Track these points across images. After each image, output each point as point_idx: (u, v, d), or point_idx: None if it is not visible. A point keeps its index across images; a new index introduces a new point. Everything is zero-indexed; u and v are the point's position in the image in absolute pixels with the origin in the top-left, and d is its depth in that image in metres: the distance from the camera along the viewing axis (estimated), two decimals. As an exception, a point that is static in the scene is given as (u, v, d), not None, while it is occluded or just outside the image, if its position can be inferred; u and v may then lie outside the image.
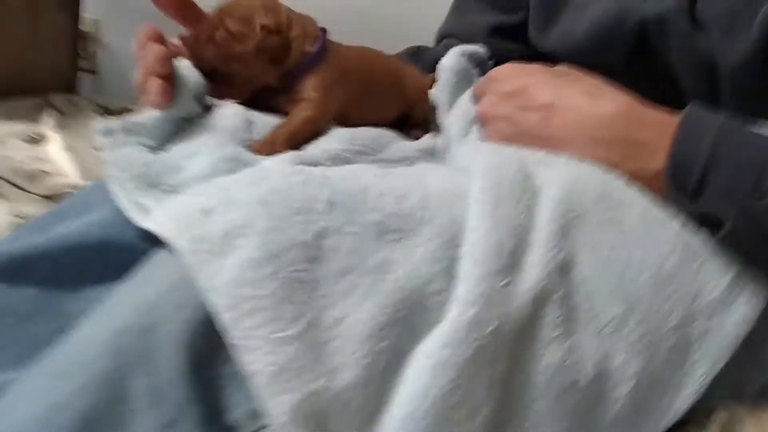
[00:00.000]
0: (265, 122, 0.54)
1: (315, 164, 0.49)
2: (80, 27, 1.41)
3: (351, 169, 0.46)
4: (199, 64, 0.53)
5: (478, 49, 0.71)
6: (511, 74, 0.57)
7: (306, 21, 0.55)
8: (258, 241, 0.38)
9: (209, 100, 0.55)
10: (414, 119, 0.65)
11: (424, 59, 0.77)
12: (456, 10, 0.83)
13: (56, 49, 1.34)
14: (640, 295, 0.43)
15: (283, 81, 0.55)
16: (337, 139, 0.54)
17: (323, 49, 0.55)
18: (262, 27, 0.52)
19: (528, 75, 0.56)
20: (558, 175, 0.48)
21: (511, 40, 0.77)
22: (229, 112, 0.53)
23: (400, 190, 0.43)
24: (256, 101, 0.55)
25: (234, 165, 0.47)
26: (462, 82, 0.67)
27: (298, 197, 0.41)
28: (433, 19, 0.85)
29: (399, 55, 0.78)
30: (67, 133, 1.09)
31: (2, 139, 1.03)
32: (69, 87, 1.39)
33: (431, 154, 0.62)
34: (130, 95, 1.65)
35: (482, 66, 0.70)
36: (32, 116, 1.16)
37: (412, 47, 0.80)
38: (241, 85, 0.55)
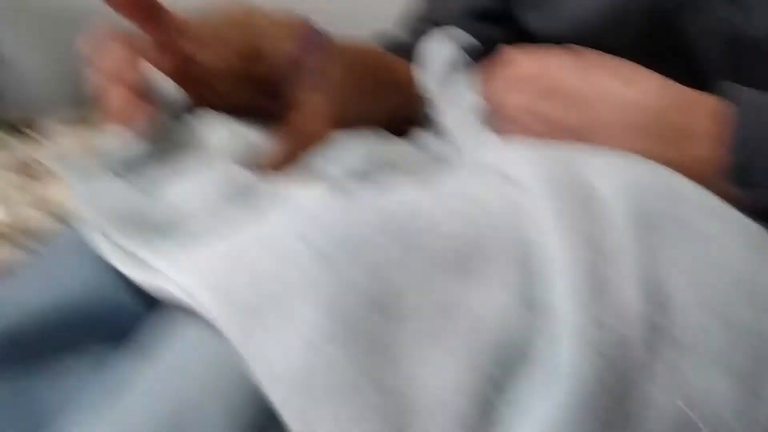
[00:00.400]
0: (263, 136, 0.44)
1: (339, 186, 0.41)
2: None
3: (392, 189, 0.38)
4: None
5: (463, 34, 0.64)
6: (529, 59, 0.50)
7: (286, 17, 0.46)
8: (321, 300, 0.30)
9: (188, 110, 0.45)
10: (409, 117, 0.57)
11: (396, 47, 0.69)
12: None
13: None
14: (732, 309, 0.38)
15: (269, 92, 0.46)
16: (351, 151, 0.45)
17: (312, 46, 0.46)
18: (234, 51, 0.43)
19: (548, 59, 0.50)
20: (610, 174, 0.43)
21: (493, 24, 0.70)
22: (217, 127, 0.43)
23: (455, 210, 0.36)
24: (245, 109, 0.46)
25: (241, 193, 0.38)
26: (454, 71, 0.60)
27: (351, 232, 0.32)
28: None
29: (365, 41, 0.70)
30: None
31: None
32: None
33: (440, 158, 0.55)
34: (33, 107, 1.49)
35: (469, 53, 0.64)
36: None
37: (380, 33, 0.72)
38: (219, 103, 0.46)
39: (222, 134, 0.43)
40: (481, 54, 0.63)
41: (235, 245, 0.32)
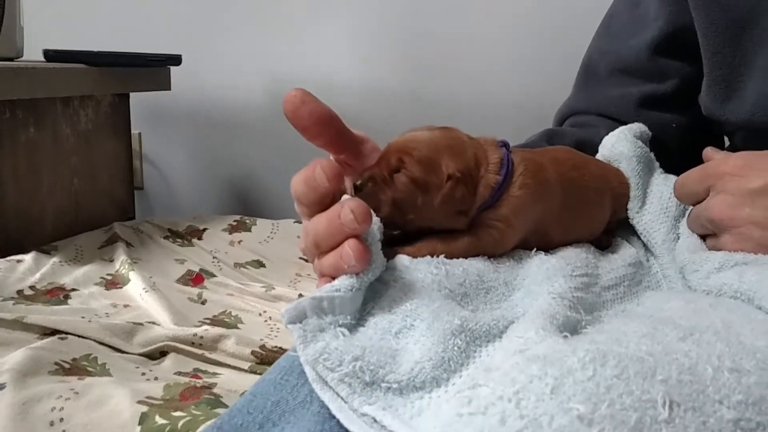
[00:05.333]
0: (466, 270, 0.42)
1: (552, 315, 0.38)
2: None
3: (639, 332, 0.34)
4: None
5: (640, 126, 0.61)
6: (751, 167, 0.46)
7: (488, 147, 0.45)
8: None
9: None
10: (611, 223, 0.53)
11: (564, 143, 0.67)
12: (583, 85, 0.72)
13: (112, 175, 1.26)
14: None
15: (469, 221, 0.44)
16: (551, 271, 0.43)
17: (509, 173, 0.44)
18: (449, 177, 0.42)
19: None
20: None
21: (664, 110, 0.66)
22: (422, 263, 0.42)
23: (728, 360, 0.32)
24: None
25: (465, 340, 0.36)
26: (645, 168, 0.56)
27: (621, 400, 0.29)
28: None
29: (534, 141, 0.68)
30: (141, 269, 0.99)
31: (78, 288, 0.93)
32: (126, 211, 1.31)
33: (638, 266, 0.51)
34: (173, 209, 1.59)
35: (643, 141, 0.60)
36: (100, 254, 1.06)
37: (547, 130, 0.69)
38: (418, 229, 0.45)
39: (428, 270, 0.41)
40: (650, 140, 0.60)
41: (479, 404, 0.29)
